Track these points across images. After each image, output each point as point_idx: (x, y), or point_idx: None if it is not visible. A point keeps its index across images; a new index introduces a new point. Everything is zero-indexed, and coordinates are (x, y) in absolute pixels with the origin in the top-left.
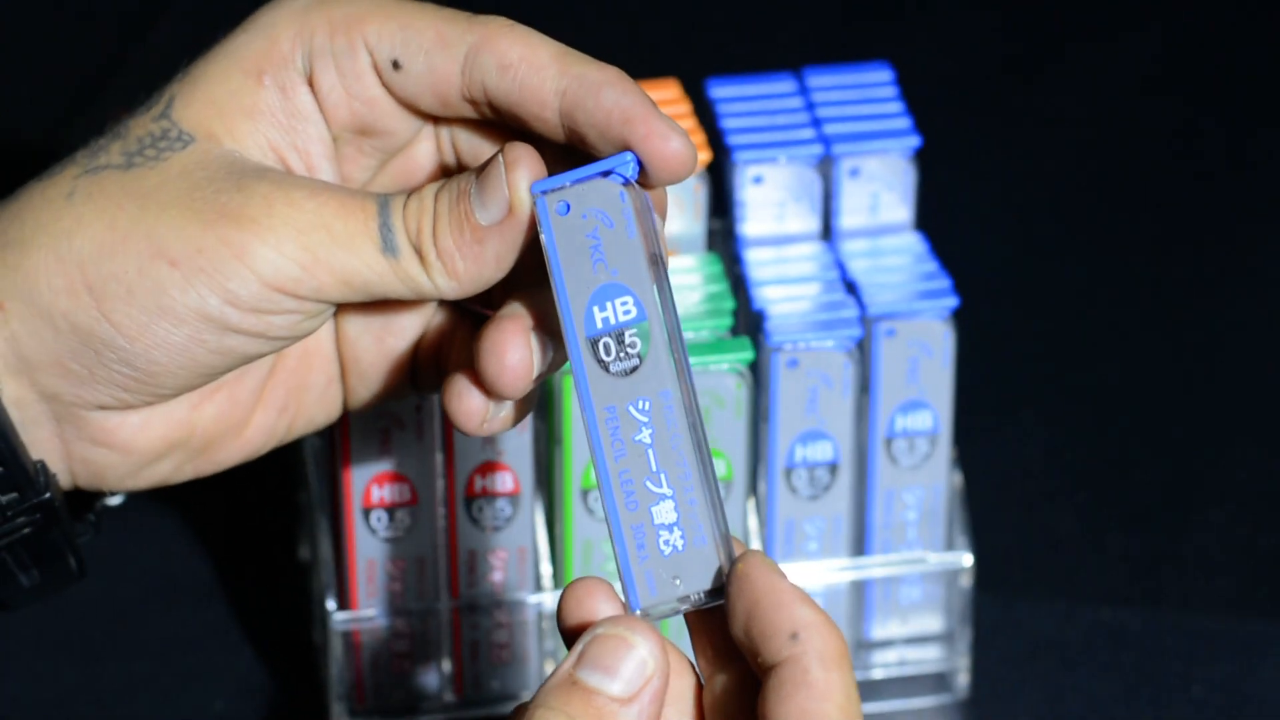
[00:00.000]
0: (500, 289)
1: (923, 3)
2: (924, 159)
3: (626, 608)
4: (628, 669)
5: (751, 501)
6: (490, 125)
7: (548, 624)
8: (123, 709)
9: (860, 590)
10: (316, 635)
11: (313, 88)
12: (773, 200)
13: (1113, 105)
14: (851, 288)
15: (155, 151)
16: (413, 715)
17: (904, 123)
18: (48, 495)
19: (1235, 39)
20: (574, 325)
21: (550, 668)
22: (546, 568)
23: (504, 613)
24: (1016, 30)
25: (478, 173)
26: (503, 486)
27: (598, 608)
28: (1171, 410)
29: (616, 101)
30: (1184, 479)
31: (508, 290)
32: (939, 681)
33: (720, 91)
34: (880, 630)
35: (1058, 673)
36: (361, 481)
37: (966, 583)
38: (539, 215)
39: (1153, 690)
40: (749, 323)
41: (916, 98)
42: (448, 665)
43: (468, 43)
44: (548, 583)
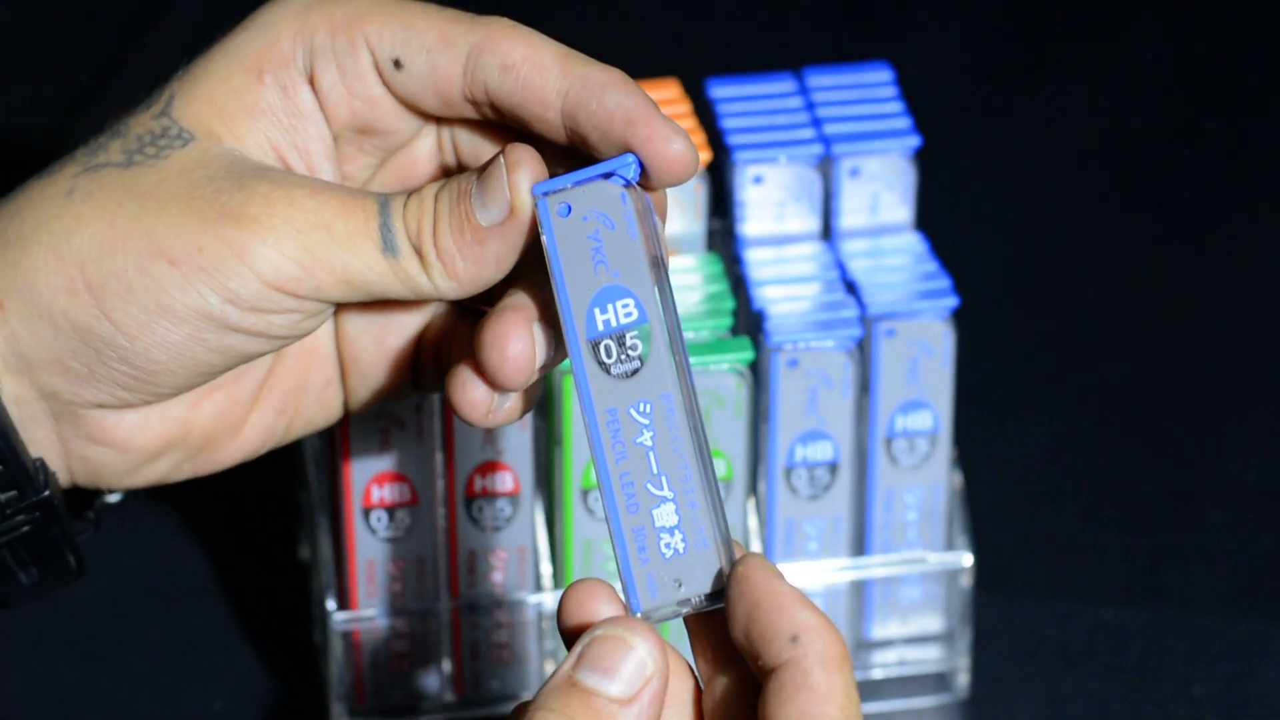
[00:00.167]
0: (501, 286)
1: (923, 3)
2: (924, 159)
3: (627, 609)
4: (627, 670)
5: (751, 501)
6: (491, 126)
7: (548, 624)
8: (123, 709)
9: (860, 590)
10: (316, 635)
11: (313, 86)
12: (773, 200)
13: (1113, 105)
14: (851, 288)
15: (155, 150)
16: (413, 715)
17: (904, 123)
18: (47, 493)
19: (1236, 39)
20: (575, 327)
21: (550, 668)
22: (546, 568)
23: (504, 613)
24: (1016, 30)
25: (478, 173)
26: (503, 486)
27: (598, 609)
28: (1172, 410)
29: (619, 103)
30: (1184, 479)
31: (509, 285)
32: (939, 681)
33: (720, 91)
34: (880, 630)
35: (1058, 673)
36: (361, 481)
37: (966, 583)
38: (540, 217)
39: (1153, 690)
40: (749, 323)
41: (916, 98)
42: (448, 665)
43: (470, 43)
44: (548, 583)
